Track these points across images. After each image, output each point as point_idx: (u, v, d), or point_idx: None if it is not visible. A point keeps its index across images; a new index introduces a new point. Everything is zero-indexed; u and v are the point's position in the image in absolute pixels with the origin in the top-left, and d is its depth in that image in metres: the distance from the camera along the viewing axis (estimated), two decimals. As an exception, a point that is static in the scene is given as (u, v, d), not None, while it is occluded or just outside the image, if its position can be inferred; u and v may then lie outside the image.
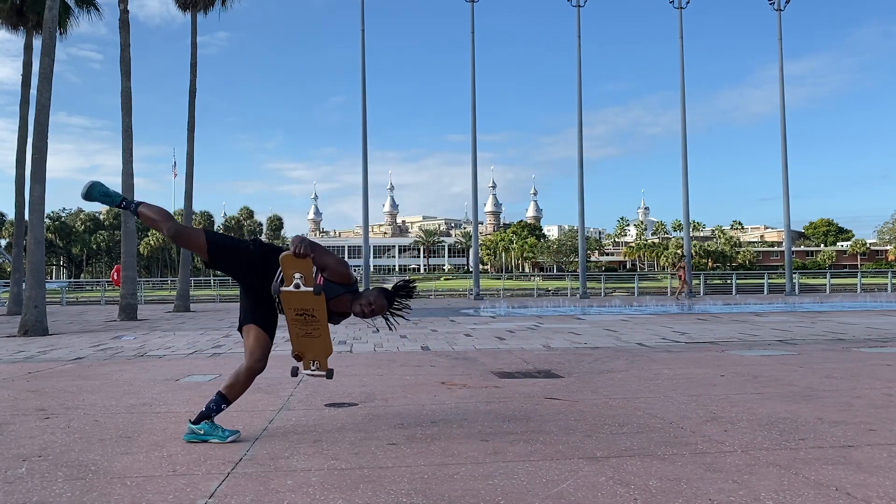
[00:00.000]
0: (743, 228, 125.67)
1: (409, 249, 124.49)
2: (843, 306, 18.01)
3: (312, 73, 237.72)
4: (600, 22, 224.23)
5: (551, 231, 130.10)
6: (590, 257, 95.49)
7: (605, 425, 3.91)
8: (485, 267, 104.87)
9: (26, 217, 16.12)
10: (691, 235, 35.80)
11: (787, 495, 2.66)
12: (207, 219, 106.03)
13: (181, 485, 2.88)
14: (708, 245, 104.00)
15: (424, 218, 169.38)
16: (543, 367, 6.44)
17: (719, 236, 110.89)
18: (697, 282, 28.85)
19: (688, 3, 27.54)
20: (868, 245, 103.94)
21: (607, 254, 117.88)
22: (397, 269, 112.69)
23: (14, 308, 17.93)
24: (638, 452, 3.31)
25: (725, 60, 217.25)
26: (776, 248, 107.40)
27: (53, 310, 19.65)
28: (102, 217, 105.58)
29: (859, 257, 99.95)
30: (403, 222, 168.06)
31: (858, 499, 2.62)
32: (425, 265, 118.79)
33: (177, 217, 3.97)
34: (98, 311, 20.43)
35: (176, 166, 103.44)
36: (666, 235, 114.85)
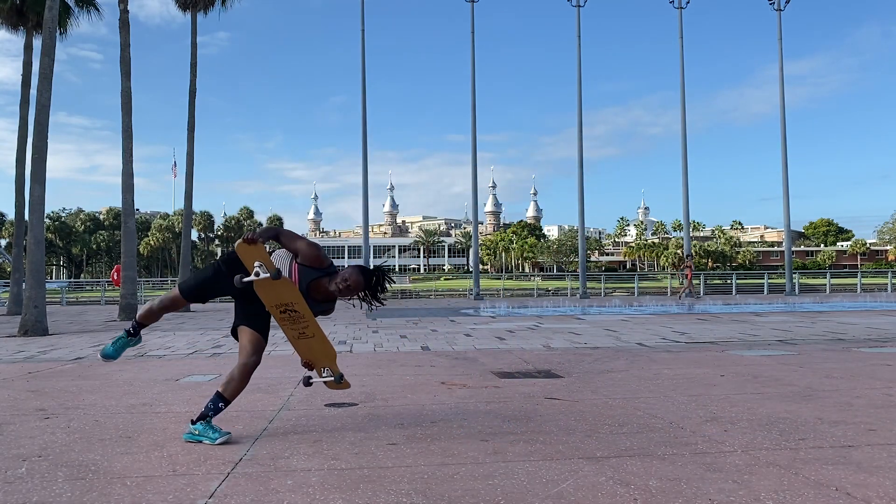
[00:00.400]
0: (743, 228, 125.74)
1: (409, 249, 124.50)
2: (843, 306, 18.00)
3: (312, 73, 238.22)
4: (600, 22, 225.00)
5: (551, 231, 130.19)
6: (590, 257, 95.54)
7: (605, 425, 3.91)
8: (485, 267, 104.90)
9: (26, 217, 16.12)
10: (691, 235, 35.80)
11: (787, 495, 2.66)
12: (207, 219, 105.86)
13: (181, 485, 2.88)
14: (708, 245, 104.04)
15: (424, 218, 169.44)
16: (543, 367, 6.44)
17: (719, 236, 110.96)
18: (697, 282, 28.79)
19: (688, 3, 27.58)
20: (868, 245, 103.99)
21: (607, 254, 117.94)
22: (397, 269, 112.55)
23: (14, 308, 17.92)
24: (638, 452, 3.31)
25: (725, 60, 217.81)
26: (776, 248, 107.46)
27: (53, 310, 19.65)
28: (102, 217, 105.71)
29: (859, 257, 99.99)
30: (403, 222, 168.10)
31: (858, 499, 2.62)
32: (425, 265, 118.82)
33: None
34: (98, 311, 20.42)
35: (176, 166, 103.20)
36: (666, 235, 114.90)
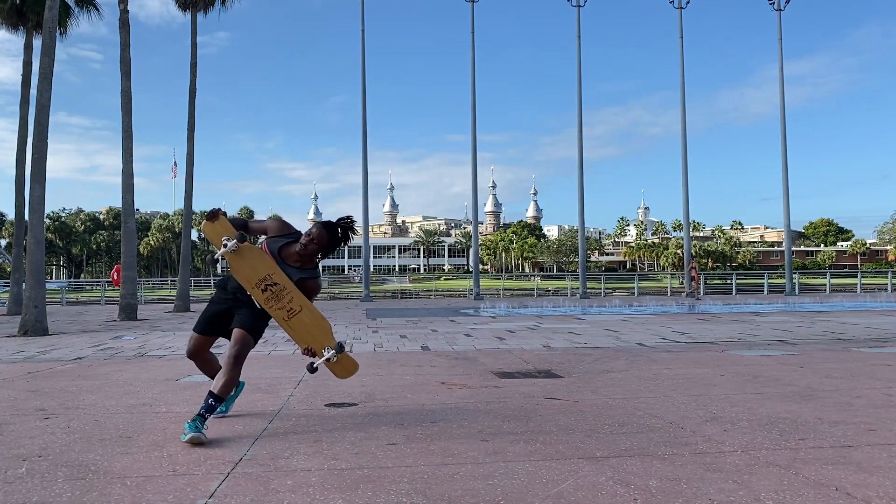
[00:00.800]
0: (743, 228, 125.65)
1: (409, 249, 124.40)
2: (843, 306, 18.01)
3: (312, 73, 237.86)
4: (600, 22, 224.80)
5: (551, 231, 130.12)
6: (590, 257, 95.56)
7: (605, 425, 3.91)
8: (485, 267, 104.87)
9: (26, 217, 16.14)
10: (691, 235, 35.80)
11: (787, 495, 2.66)
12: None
13: (181, 485, 2.88)
14: (708, 245, 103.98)
15: (424, 218, 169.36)
16: (543, 367, 6.44)
17: (719, 236, 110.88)
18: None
19: (688, 3, 27.60)
20: (868, 245, 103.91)
21: (607, 254, 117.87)
22: (397, 269, 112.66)
23: (14, 308, 17.94)
24: (638, 452, 3.31)
25: (725, 60, 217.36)
26: (776, 248, 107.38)
27: (53, 310, 19.66)
28: (102, 217, 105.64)
29: (859, 257, 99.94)
30: (403, 222, 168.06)
31: (858, 499, 2.62)
32: (425, 265, 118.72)
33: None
34: (98, 311, 20.42)
35: (176, 166, 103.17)
36: (666, 235, 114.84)
